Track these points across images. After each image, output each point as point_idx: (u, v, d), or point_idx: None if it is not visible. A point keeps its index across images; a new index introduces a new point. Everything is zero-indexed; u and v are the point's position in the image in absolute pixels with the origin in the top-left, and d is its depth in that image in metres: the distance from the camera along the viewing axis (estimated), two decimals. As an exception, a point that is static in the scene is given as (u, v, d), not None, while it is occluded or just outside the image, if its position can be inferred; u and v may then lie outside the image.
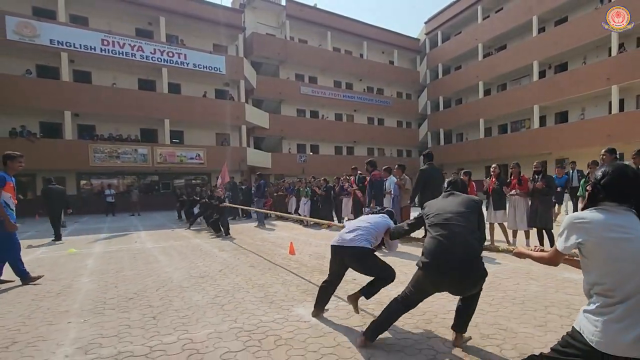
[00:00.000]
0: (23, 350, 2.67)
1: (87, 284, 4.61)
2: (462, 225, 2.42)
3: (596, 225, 1.46)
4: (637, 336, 1.31)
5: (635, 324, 1.33)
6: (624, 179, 1.51)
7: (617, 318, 1.36)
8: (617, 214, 1.47)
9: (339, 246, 3.02)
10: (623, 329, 1.34)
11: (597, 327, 1.39)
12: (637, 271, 1.36)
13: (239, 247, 7.28)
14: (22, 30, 17.41)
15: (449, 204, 2.62)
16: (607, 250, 1.42)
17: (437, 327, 2.95)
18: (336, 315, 3.24)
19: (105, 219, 15.64)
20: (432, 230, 2.49)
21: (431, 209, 2.65)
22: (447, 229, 2.40)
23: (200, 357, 2.47)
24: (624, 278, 1.37)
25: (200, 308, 3.51)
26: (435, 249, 2.38)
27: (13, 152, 4.86)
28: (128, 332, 2.95)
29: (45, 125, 19.10)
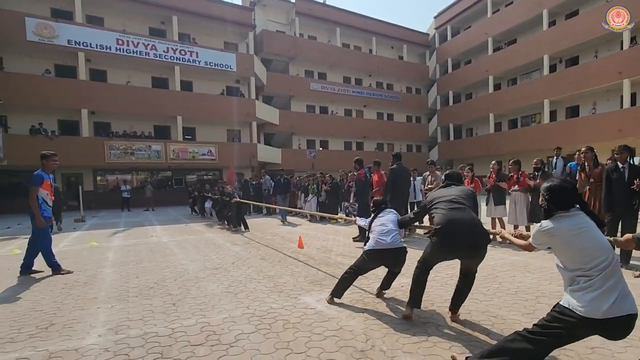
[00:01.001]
0: (61, 331, 3.01)
1: (111, 274, 4.99)
2: (465, 202, 2.87)
3: (559, 231, 1.85)
4: (613, 300, 1.66)
5: (610, 291, 1.68)
6: (565, 192, 1.89)
7: (597, 290, 1.70)
8: (570, 217, 1.86)
9: (386, 249, 3.34)
10: (602, 297, 1.68)
11: (584, 301, 1.72)
12: (599, 251, 1.75)
13: (251, 241, 7.62)
14: (41, 32, 17.99)
15: (450, 191, 3.03)
16: (575, 245, 1.80)
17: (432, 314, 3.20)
18: (340, 303, 3.51)
19: (121, 214, 16.21)
20: (441, 207, 2.87)
21: (435, 197, 3.04)
22: (454, 204, 2.84)
23: (217, 337, 2.78)
24: (593, 259, 1.75)
25: (216, 296, 3.83)
26: (446, 218, 2.77)
27: (48, 152, 5.26)
28: (151, 316, 3.28)
29: (63, 123, 19.75)
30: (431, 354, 2.44)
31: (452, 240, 2.74)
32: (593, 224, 1.86)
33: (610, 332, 1.74)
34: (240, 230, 9.31)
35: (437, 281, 4.16)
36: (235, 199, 9.65)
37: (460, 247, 2.75)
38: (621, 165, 4.43)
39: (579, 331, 1.77)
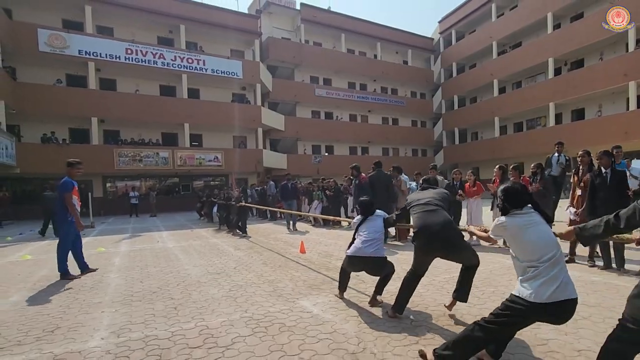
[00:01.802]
0: (66, 334, 3.14)
1: (116, 279, 5.13)
2: (438, 204, 3.14)
3: (511, 226, 2.15)
4: (556, 287, 1.92)
5: (553, 279, 1.94)
6: (516, 193, 2.20)
7: (543, 278, 1.96)
8: (522, 214, 2.15)
9: (362, 257, 3.52)
10: (547, 284, 1.94)
11: (532, 288, 1.96)
12: (546, 245, 2.02)
13: (254, 246, 7.73)
14: (53, 42, 18.52)
15: (426, 194, 3.30)
16: (525, 237, 2.08)
17: (425, 317, 3.26)
18: (336, 307, 3.59)
19: (129, 220, 16.47)
20: (417, 211, 3.14)
21: (413, 199, 3.32)
22: (428, 207, 3.12)
23: (214, 340, 2.87)
24: (540, 252, 2.01)
25: (216, 300, 3.94)
26: (421, 221, 3.06)
27: (73, 160, 5.57)
28: (153, 320, 3.39)
29: (74, 131, 20.22)
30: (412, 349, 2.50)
31: (428, 241, 3.02)
32: (542, 221, 2.15)
33: (555, 316, 1.98)
34: (244, 235, 9.46)
35: (433, 285, 4.22)
36: (240, 203, 9.84)
37: (437, 246, 3.01)
38: (604, 170, 4.49)
39: (529, 316, 2.00)
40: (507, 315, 2.04)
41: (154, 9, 21.40)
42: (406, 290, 3.22)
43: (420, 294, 3.89)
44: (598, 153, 4.56)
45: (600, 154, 4.52)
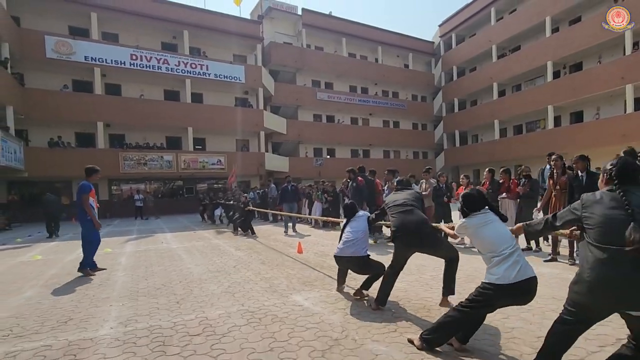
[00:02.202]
0: (78, 324, 3.44)
1: (122, 277, 5.44)
2: (412, 204, 3.49)
3: (470, 225, 2.56)
4: (518, 269, 2.28)
5: (515, 264, 2.30)
6: (473, 199, 2.60)
7: (506, 264, 2.31)
8: (479, 215, 2.55)
9: (342, 257, 3.90)
10: (510, 268, 2.30)
11: (497, 273, 2.32)
12: (500, 239, 2.41)
13: (254, 247, 8.03)
14: (59, 49, 18.98)
15: (401, 195, 3.64)
16: (483, 234, 2.48)
17: (407, 309, 3.54)
18: (326, 301, 3.88)
19: (134, 222, 16.84)
20: (394, 211, 3.48)
21: (390, 201, 3.66)
22: (404, 207, 3.46)
23: (213, 329, 3.17)
24: (498, 244, 2.39)
25: (215, 295, 4.23)
26: (398, 220, 3.40)
27: (92, 166, 5.95)
28: (157, 312, 3.70)
29: (80, 135, 20.65)
30: (395, 341, 2.78)
31: (406, 239, 3.38)
32: (497, 219, 2.54)
33: (519, 295, 2.33)
34: (251, 235, 9.85)
35: (419, 282, 4.49)
36: (248, 207, 10.25)
37: (413, 243, 3.37)
38: (580, 174, 4.76)
39: (499, 297, 2.34)
40: (479, 300, 2.37)
41: (158, 15, 21.88)
42: (387, 284, 3.53)
43: (405, 289, 4.17)
44: (574, 158, 4.83)
45: (575, 159, 4.80)
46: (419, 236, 3.30)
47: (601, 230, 1.85)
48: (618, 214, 1.81)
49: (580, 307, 1.96)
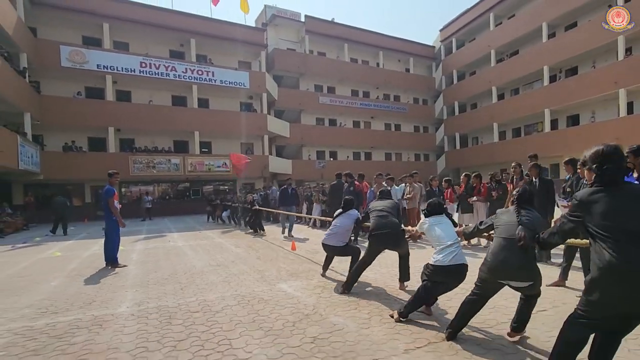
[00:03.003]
0: (100, 304, 4.20)
1: (134, 270, 6.20)
2: (389, 212, 4.28)
3: (428, 224, 3.46)
4: (453, 256, 3.09)
5: (451, 253, 3.13)
6: (434, 206, 3.54)
7: (445, 252, 3.14)
8: (436, 217, 3.47)
9: (326, 244, 4.88)
10: (447, 255, 3.12)
11: (437, 258, 3.16)
12: (446, 235, 3.26)
13: (253, 245, 8.76)
14: (73, 58, 19.99)
15: (382, 203, 4.40)
16: (436, 230, 3.35)
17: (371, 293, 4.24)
18: (306, 288, 4.58)
19: (143, 223, 17.70)
20: (374, 215, 4.27)
21: (372, 207, 4.47)
22: (381, 213, 4.25)
23: (209, 307, 3.90)
24: (443, 237, 3.25)
25: (214, 284, 4.97)
26: (376, 223, 4.20)
27: (112, 170, 6.79)
28: (164, 296, 4.44)
29: (92, 140, 21.64)
30: (353, 316, 3.49)
31: (379, 239, 4.15)
32: (448, 221, 3.45)
33: (451, 276, 3.15)
34: (261, 233, 10.80)
35: (390, 274, 5.17)
36: (255, 207, 11.07)
37: (385, 242, 4.18)
38: (534, 180, 5.39)
39: (436, 275, 3.17)
40: (428, 276, 3.23)
41: (166, 24, 22.81)
42: (355, 273, 4.29)
43: (375, 279, 4.87)
44: (528, 165, 5.47)
45: (530, 166, 5.44)
46: (390, 237, 4.09)
47: (502, 230, 2.68)
48: (513, 220, 2.61)
49: (483, 281, 2.68)
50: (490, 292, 2.76)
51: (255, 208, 11.25)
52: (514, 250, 2.51)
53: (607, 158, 2.00)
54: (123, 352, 2.81)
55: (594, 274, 1.90)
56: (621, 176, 2.00)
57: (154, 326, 3.39)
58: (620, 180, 1.98)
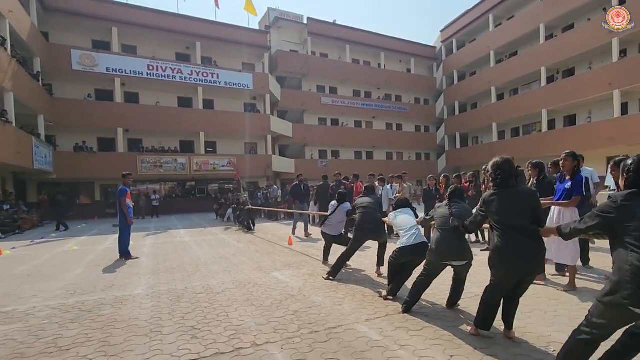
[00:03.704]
0: (119, 288, 4.90)
1: (146, 261, 6.92)
2: (374, 208, 4.96)
3: (395, 215, 4.25)
4: (414, 238, 3.76)
5: (411, 235, 3.80)
6: (401, 202, 4.36)
7: (407, 235, 3.82)
8: (401, 210, 4.27)
9: (324, 233, 5.75)
10: (410, 237, 3.80)
11: (402, 242, 3.84)
12: (407, 223, 3.99)
13: (253, 240, 9.45)
14: (84, 61, 20.82)
15: (366, 200, 5.07)
16: (399, 219, 4.13)
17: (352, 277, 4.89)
18: (296, 276, 5.25)
19: (151, 220, 18.50)
20: (360, 211, 4.94)
21: (358, 203, 5.12)
22: (367, 209, 4.93)
23: (212, 290, 4.58)
24: (404, 224, 4.00)
25: (216, 272, 5.65)
26: (362, 218, 4.89)
27: (126, 172, 7.46)
28: (173, 282, 5.13)
29: (102, 140, 22.48)
30: (330, 296, 4.15)
31: (364, 231, 4.86)
32: (411, 212, 4.20)
33: (414, 254, 3.75)
34: (251, 231, 11.30)
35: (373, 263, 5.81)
36: (247, 207, 11.75)
37: (369, 234, 4.87)
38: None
39: (403, 256, 3.82)
40: (395, 258, 3.88)
41: (172, 28, 23.56)
42: (340, 262, 4.96)
43: (357, 267, 5.52)
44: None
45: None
46: (372, 230, 4.84)
47: (440, 221, 3.34)
48: (447, 213, 3.23)
49: (430, 263, 3.33)
50: (436, 272, 3.43)
51: (247, 208, 11.90)
52: (450, 236, 3.16)
53: (499, 168, 2.65)
54: (142, 321, 3.49)
55: (491, 254, 2.58)
56: (510, 181, 2.64)
57: (165, 304, 4.08)
58: (510, 184, 2.63)
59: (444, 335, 2.89)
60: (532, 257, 2.53)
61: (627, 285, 1.72)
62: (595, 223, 1.95)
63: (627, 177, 1.90)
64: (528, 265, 2.53)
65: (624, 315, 1.75)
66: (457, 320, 3.24)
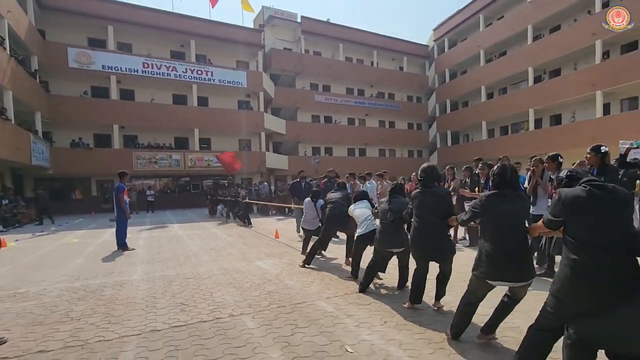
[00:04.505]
0: (118, 274, 5.50)
1: (142, 252, 7.51)
2: (340, 202, 5.46)
3: (353, 207, 4.94)
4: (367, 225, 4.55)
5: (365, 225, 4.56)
6: (361, 195, 5.02)
7: (363, 225, 4.59)
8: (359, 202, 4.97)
9: (302, 227, 6.40)
10: (363, 227, 4.58)
11: (359, 231, 4.61)
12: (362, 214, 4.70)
13: (243, 234, 10.07)
14: (80, 59, 21.21)
15: (335, 195, 5.66)
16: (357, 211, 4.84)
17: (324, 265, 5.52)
18: (277, 265, 5.88)
19: (146, 215, 19.05)
20: (329, 206, 5.54)
21: (328, 198, 5.71)
22: (335, 203, 5.51)
23: (200, 276, 5.20)
24: (361, 215, 4.72)
25: (205, 262, 6.27)
26: (329, 212, 5.51)
27: (123, 170, 8.06)
28: (166, 269, 5.74)
29: (98, 137, 22.91)
30: (302, 280, 4.78)
31: (331, 225, 5.44)
32: (365, 204, 4.84)
33: (368, 240, 4.41)
34: (247, 225, 11.93)
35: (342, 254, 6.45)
36: (245, 200, 12.38)
37: (336, 226, 5.47)
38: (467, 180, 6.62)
39: (360, 242, 4.58)
40: (356, 245, 4.65)
41: (167, 26, 23.94)
42: (313, 251, 5.60)
43: (333, 258, 6.16)
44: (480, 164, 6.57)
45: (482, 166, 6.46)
46: (338, 222, 5.42)
47: (380, 216, 3.96)
48: (386, 208, 3.88)
49: (376, 251, 3.97)
50: (383, 257, 4.07)
51: (245, 201, 12.57)
52: (390, 228, 3.80)
53: (424, 172, 3.28)
54: (139, 300, 4.11)
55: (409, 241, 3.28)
56: (431, 184, 3.27)
57: (159, 286, 4.70)
58: (431, 186, 3.26)
59: (385, 309, 3.54)
60: (436, 243, 3.25)
61: (483, 264, 2.38)
62: (469, 216, 2.60)
63: (492, 180, 2.54)
64: (432, 248, 3.27)
65: (485, 285, 2.43)
66: (401, 299, 3.88)
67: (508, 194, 2.46)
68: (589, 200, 1.83)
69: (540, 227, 2.16)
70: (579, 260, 1.80)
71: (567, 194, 1.92)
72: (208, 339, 2.94)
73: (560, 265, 1.91)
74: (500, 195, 2.47)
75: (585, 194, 1.86)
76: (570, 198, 1.90)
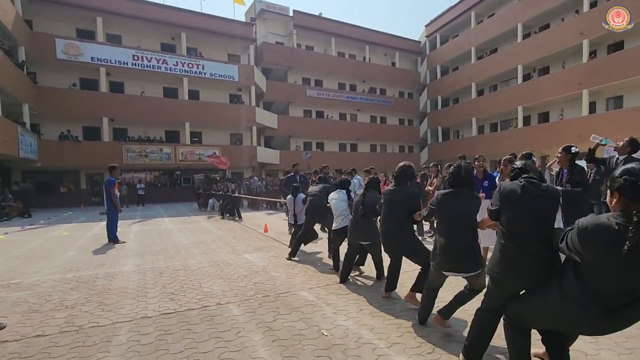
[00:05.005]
0: (109, 266, 5.66)
1: (132, 245, 7.66)
2: (320, 196, 5.64)
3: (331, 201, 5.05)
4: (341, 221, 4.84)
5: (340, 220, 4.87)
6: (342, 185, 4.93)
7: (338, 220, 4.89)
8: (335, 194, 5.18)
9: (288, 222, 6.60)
10: (338, 222, 4.89)
11: (334, 225, 4.94)
12: (339, 208, 4.94)
13: (232, 228, 10.25)
14: (68, 50, 20.96)
15: (315, 188, 5.88)
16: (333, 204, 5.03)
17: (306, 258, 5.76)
18: (264, 257, 6.09)
19: (137, 209, 19.08)
20: (309, 198, 5.75)
21: (309, 192, 5.93)
22: (314, 197, 5.73)
23: (189, 268, 5.39)
24: (337, 209, 4.95)
25: (195, 254, 6.45)
26: (309, 204, 5.75)
27: (113, 164, 8.13)
28: (157, 261, 5.91)
29: (87, 129, 22.75)
30: (288, 272, 5.00)
31: (311, 217, 5.67)
32: (344, 198, 4.98)
33: (342, 235, 4.68)
34: (236, 219, 12.05)
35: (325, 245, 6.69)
36: (235, 194, 12.52)
37: (315, 218, 5.72)
38: None
39: (335, 237, 4.90)
40: (333, 239, 4.97)
41: (157, 18, 23.73)
42: (297, 244, 5.83)
43: (318, 252, 6.39)
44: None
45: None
46: (318, 215, 5.68)
47: (354, 209, 4.21)
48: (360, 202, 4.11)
49: (349, 242, 4.22)
50: (354, 249, 4.32)
51: (234, 195, 12.71)
52: (359, 221, 4.07)
53: (399, 170, 3.51)
54: (130, 290, 4.29)
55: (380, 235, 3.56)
56: (403, 182, 3.51)
57: (149, 278, 4.88)
58: (402, 184, 3.50)
59: (362, 298, 3.79)
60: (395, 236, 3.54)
61: (437, 256, 2.65)
62: (428, 213, 2.86)
63: (448, 179, 2.79)
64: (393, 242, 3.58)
65: (440, 274, 2.70)
66: (377, 289, 4.13)
67: (463, 192, 2.71)
68: (520, 194, 2.08)
69: (488, 220, 2.40)
70: (506, 245, 2.08)
71: (506, 186, 2.18)
72: (195, 325, 3.15)
73: (494, 249, 2.19)
74: (455, 194, 2.72)
75: (519, 188, 2.11)
76: (507, 190, 2.16)
